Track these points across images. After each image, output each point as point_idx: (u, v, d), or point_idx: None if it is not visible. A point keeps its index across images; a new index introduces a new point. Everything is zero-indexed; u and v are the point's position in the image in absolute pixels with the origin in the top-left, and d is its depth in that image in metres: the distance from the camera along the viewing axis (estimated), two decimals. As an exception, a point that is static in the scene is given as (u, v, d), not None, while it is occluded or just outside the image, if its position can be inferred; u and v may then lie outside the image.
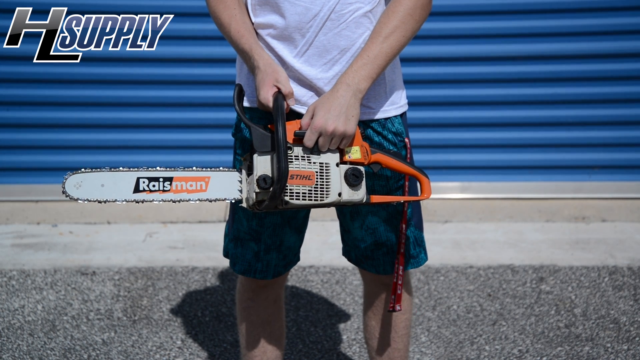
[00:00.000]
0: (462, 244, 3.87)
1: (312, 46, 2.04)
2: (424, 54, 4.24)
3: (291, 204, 1.92)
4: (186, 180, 1.99)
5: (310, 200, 1.93)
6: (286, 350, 3.04)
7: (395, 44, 2.00)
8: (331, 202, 1.94)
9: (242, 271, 2.29)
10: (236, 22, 2.08)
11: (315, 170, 1.94)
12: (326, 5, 2.01)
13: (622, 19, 4.20)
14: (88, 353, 3.05)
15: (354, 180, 1.96)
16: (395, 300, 2.22)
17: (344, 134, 1.96)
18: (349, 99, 1.96)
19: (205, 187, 2.00)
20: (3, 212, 4.24)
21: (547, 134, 4.35)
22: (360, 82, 1.97)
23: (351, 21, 2.03)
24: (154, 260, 3.74)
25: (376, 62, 1.98)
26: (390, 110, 2.13)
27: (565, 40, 4.24)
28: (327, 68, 2.05)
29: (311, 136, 1.96)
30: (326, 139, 1.96)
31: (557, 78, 4.28)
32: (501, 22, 4.24)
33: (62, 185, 1.96)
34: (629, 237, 3.95)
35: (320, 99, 1.98)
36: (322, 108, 1.95)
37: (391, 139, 2.14)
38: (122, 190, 1.97)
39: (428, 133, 4.35)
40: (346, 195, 1.96)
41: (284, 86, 2.00)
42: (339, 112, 1.95)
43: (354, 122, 1.97)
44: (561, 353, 3.03)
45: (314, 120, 1.95)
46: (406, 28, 2.00)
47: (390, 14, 2.01)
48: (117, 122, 4.33)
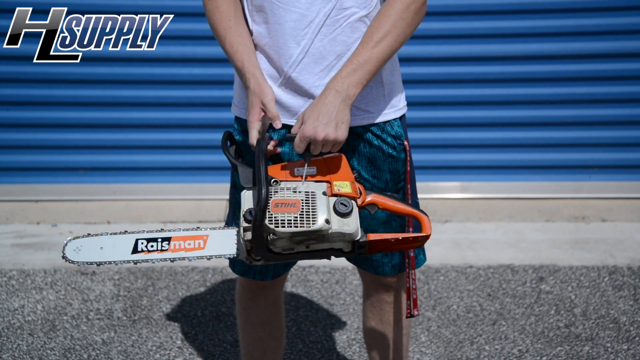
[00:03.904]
0: (462, 244, 3.87)
1: (307, 54, 2.02)
2: (423, 53, 4.23)
3: (278, 233, 1.84)
4: (184, 239, 1.97)
5: (296, 227, 1.84)
6: (286, 350, 3.04)
7: (387, 49, 1.95)
8: (319, 228, 1.85)
9: (241, 272, 2.29)
10: (231, 34, 2.07)
11: (301, 199, 1.89)
12: (322, 11, 1.99)
13: (622, 19, 4.20)
14: (88, 353, 3.05)
15: (343, 208, 1.89)
16: (412, 306, 2.20)
17: (335, 141, 1.94)
18: (338, 105, 1.92)
19: (204, 244, 1.98)
20: (3, 212, 4.24)
21: (547, 134, 4.35)
22: (350, 88, 1.93)
23: (346, 26, 2.01)
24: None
25: (366, 68, 1.94)
26: (389, 113, 2.12)
27: (565, 40, 4.24)
28: (324, 75, 2.03)
29: (300, 144, 1.94)
30: (317, 146, 1.94)
31: (557, 78, 4.28)
32: (501, 22, 4.23)
33: (62, 250, 1.98)
34: (629, 237, 3.95)
35: (310, 106, 1.96)
36: (310, 116, 1.93)
37: (390, 142, 2.13)
38: (120, 251, 1.97)
39: (428, 133, 4.35)
40: (336, 225, 1.87)
41: (269, 110, 1.99)
42: (328, 120, 1.92)
43: (344, 128, 1.94)
44: (561, 353, 3.03)
45: (302, 129, 1.93)
46: (398, 32, 1.96)
47: (382, 18, 1.97)
48: (117, 122, 4.33)
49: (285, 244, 1.88)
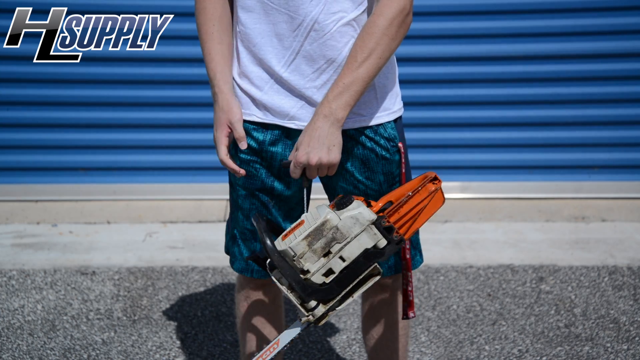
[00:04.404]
0: (462, 244, 3.87)
1: (298, 55, 2.03)
2: (422, 54, 4.23)
3: (294, 245, 1.87)
4: (261, 356, 2.07)
5: (305, 230, 1.89)
6: (286, 350, 3.04)
7: (372, 68, 1.96)
8: (325, 218, 1.88)
9: (240, 270, 2.30)
10: (212, 40, 2.13)
11: (304, 217, 1.95)
12: (309, 15, 2.00)
13: (622, 19, 4.20)
14: (88, 353, 3.05)
15: (343, 201, 1.92)
16: (408, 307, 2.22)
17: (328, 164, 1.99)
18: (327, 129, 1.96)
19: (277, 344, 2.08)
20: (3, 212, 4.25)
21: (547, 134, 4.35)
22: (338, 111, 1.96)
23: (335, 31, 2.02)
24: (153, 260, 3.74)
25: (352, 89, 1.96)
26: (382, 116, 2.12)
27: (565, 40, 4.24)
28: (315, 77, 2.05)
29: (295, 170, 2.01)
30: (312, 171, 2.01)
31: (557, 78, 4.28)
32: (501, 22, 4.23)
33: None
34: (629, 237, 3.95)
35: (302, 133, 2.01)
36: (302, 142, 1.99)
37: (383, 144, 2.14)
38: None
39: (428, 133, 4.35)
40: (343, 213, 1.90)
41: (236, 130, 2.07)
42: (319, 145, 1.96)
43: (336, 151, 1.99)
44: (561, 353, 3.03)
45: (296, 155, 1.99)
46: (382, 49, 1.96)
47: (364, 37, 1.96)
48: (117, 122, 4.33)
49: (313, 260, 1.88)
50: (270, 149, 2.12)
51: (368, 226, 1.90)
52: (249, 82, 2.11)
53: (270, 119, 2.10)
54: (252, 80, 2.10)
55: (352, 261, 1.90)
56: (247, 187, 2.18)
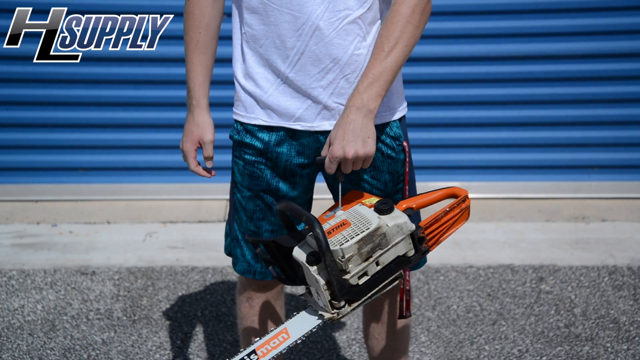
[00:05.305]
0: (462, 244, 3.87)
1: (303, 55, 2.02)
2: (424, 54, 4.23)
3: (345, 248, 1.84)
4: (267, 342, 2.02)
5: (357, 234, 1.86)
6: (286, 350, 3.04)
7: (400, 56, 1.95)
8: (377, 225, 1.86)
9: (242, 271, 2.29)
10: (196, 49, 2.17)
11: (346, 217, 1.92)
12: (313, 13, 1.99)
13: (622, 19, 4.20)
14: (88, 353, 3.05)
15: (384, 206, 1.90)
16: (404, 307, 2.22)
17: (365, 156, 1.96)
18: (361, 121, 1.93)
19: (287, 335, 2.04)
20: (3, 211, 4.25)
21: (547, 134, 4.35)
22: (370, 102, 1.94)
23: (341, 29, 2.01)
24: (153, 260, 3.74)
25: (382, 79, 1.94)
26: (387, 115, 2.12)
27: (565, 40, 4.24)
28: (321, 77, 2.04)
29: (331, 165, 1.97)
30: (348, 165, 1.97)
31: (557, 78, 4.28)
32: (501, 22, 4.24)
33: None
34: (629, 237, 3.95)
35: (335, 127, 1.97)
36: (336, 136, 1.95)
37: (389, 143, 2.13)
38: None
39: (428, 133, 4.35)
40: (389, 221, 1.88)
41: (206, 150, 2.17)
42: (354, 137, 1.93)
43: (371, 143, 1.95)
44: (561, 353, 3.03)
45: (331, 150, 1.95)
46: (408, 37, 1.95)
47: (389, 26, 1.95)
48: (117, 122, 4.33)
49: (357, 263, 1.88)
50: (276, 150, 2.12)
51: (407, 235, 1.92)
52: (254, 84, 2.10)
53: (275, 121, 2.10)
54: (258, 82, 2.09)
55: (385, 266, 1.92)
56: (251, 188, 2.18)
